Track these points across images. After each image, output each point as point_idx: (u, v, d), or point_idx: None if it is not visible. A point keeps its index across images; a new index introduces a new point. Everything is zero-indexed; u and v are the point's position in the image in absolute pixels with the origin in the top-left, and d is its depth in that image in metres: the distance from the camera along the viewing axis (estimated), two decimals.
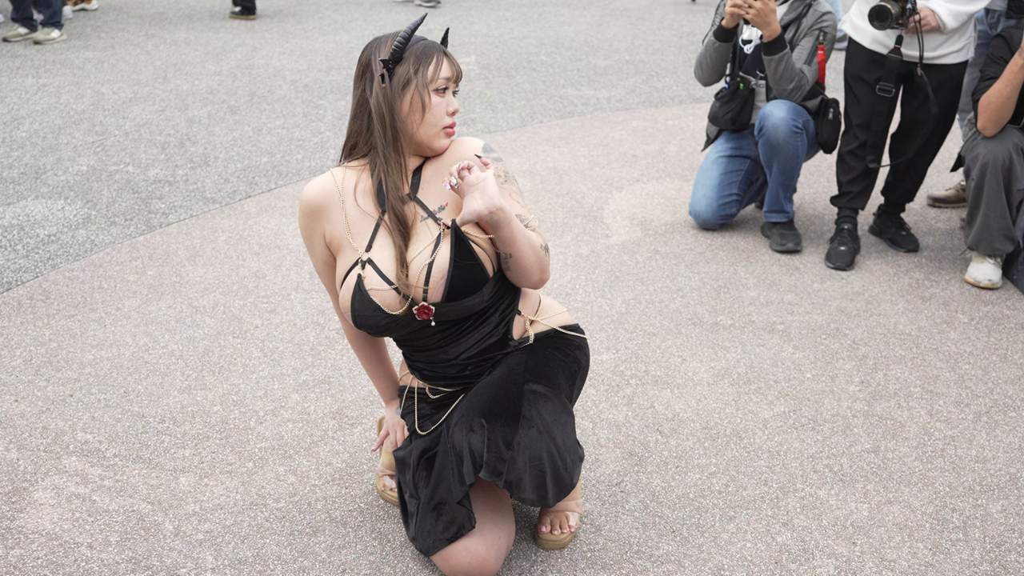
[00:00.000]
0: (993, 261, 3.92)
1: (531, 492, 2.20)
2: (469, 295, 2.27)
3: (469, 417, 2.26)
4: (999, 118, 3.69)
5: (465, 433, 2.23)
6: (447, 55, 2.30)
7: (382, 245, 2.28)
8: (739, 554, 2.48)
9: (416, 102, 2.25)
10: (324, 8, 9.41)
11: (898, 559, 2.47)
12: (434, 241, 2.25)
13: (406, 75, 2.25)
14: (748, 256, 4.19)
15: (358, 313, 2.28)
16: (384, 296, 2.25)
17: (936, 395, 3.19)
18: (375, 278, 2.26)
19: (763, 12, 3.91)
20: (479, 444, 2.20)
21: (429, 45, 2.29)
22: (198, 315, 3.59)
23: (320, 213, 2.34)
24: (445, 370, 2.41)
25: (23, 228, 4.29)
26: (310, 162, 5.19)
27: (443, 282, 2.24)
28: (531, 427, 2.23)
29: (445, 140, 2.32)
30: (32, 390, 3.11)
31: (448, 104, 2.29)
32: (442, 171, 2.33)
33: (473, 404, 2.29)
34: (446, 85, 2.28)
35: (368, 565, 2.42)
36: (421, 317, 2.27)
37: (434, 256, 2.24)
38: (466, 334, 2.35)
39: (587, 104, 6.42)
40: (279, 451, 2.84)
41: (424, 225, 2.28)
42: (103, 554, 2.43)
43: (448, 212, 2.30)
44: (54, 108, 6.02)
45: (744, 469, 2.81)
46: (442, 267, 2.23)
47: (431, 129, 2.28)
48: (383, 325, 2.29)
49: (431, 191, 2.32)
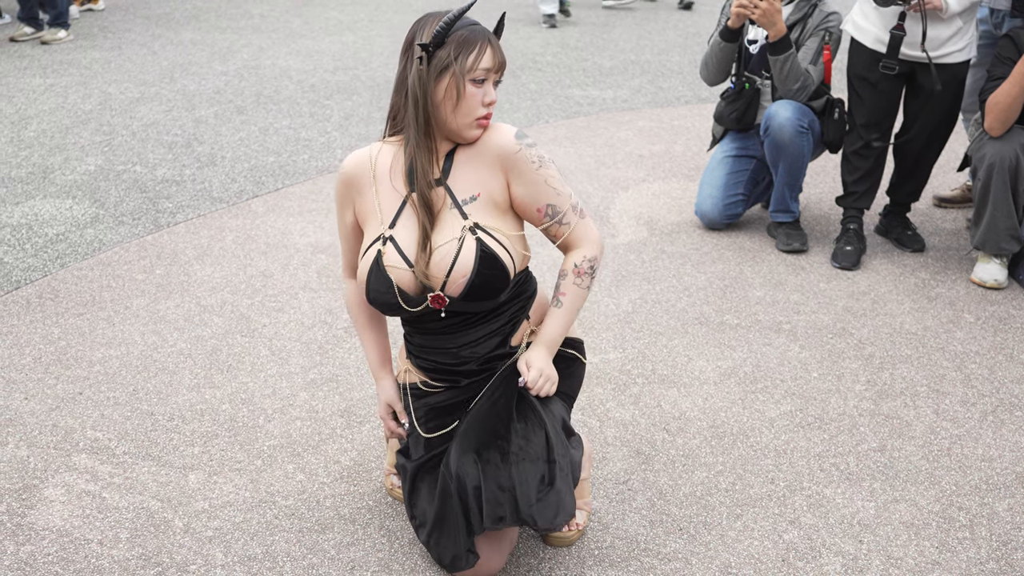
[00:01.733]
0: (999, 261, 3.92)
1: (547, 523, 2.21)
2: (489, 298, 2.28)
3: (464, 458, 2.25)
4: (1006, 118, 3.70)
5: (466, 479, 2.23)
6: (492, 44, 2.22)
7: (406, 224, 2.28)
8: (746, 552, 2.49)
9: (451, 89, 2.20)
10: (330, 9, 9.43)
11: (905, 557, 2.48)
12: (459, 238, 2.24)
13: (445, 60, 2.19)
14: (754, 256, 4.20)
15: (372, 288, 2.29)
16: (401, 275, 2.25)
17: (942, 394, 3.20)
18: (394, 255, 2.26)
19: (769, 12, 3.92)
20: (478, 492, 2.21)
21: (475, 32, 2.21)
22: (206, 314, 3.61)
23: (353, 185, 2.36)
24: (442, 359, 2.38)
25: (31, 227, 4.31)
26: (317, 162, 5.20)
27: (464, 281, 2.23)
28: (522, 460, 2.23)
29: (477, 131, 2.27)
30: (42, 388, 3.13)
31: (485, 95, 2.23)
32: (475, 158, 2.29)
33: (466, 444, 2.28)
34: (485, 76, 2.22)
35: (377, 562, 2.43)
36: (434, 306, 2.27)
37: (459, 252, 2.23)
38: (473, 326, 2.35)
39: (593, 104, 6.43)
40: (287, 449, 2.86)
41: (451, 214, 2.26)
42: (113, 551, 2.44)
43: (478, 204, 2.28)
44: (61, 108, 6.04)
45: (751, 467, 2.82)
46: (465, 267, 2.22)
47: (464, 119, 2.23)
48: (394, 304, 2.28)
49: (462, 178, 2.29)
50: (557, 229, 2.33)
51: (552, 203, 2.30)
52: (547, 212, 2.30)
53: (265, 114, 6.03)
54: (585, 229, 2.35)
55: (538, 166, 2.29)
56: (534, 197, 2.29)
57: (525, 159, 2.27)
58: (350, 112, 6.10)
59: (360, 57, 7.54)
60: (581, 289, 2.35)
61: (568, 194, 2.33)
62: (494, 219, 2.28)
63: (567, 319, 2.36)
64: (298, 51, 7.68)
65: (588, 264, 2.34)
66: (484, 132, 2.29)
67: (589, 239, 2.35)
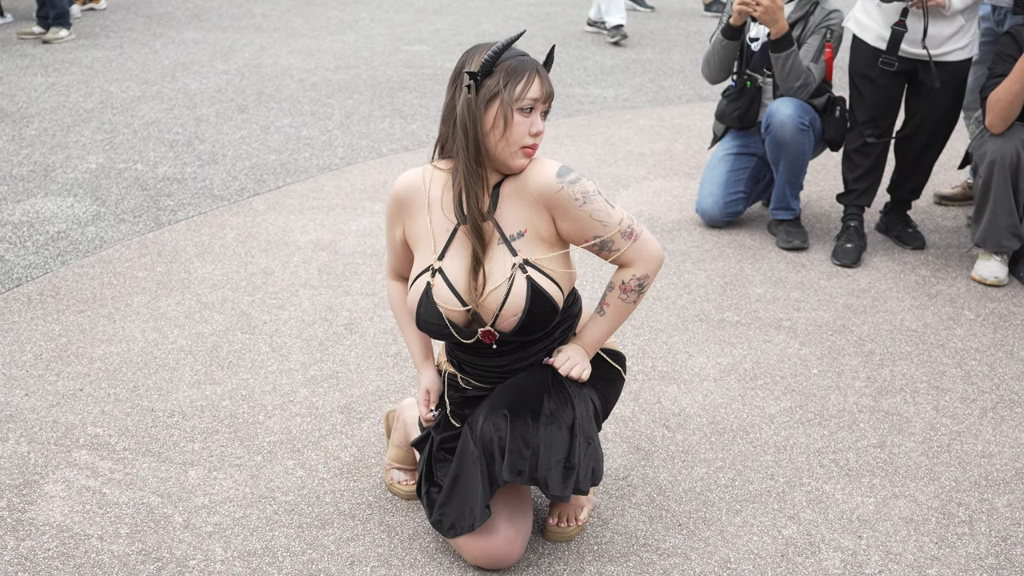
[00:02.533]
0: (1000, 258, 3.92)
1: (558, 489, 2.23)
2: (538, 331, 2.33)
3: (494, 414, 2.28)
4: (1007, 115, 3.70)
5: (492, 431, 2.26)
6: (540, 75, 2.23)
7: (455, 256, 2.30)
8: (745, 547, 2.49)
9: (499, 118, 2.20)
10: (331, 8, 9.44)
11: (904, 552, 2.48)
12: (509, 276, 2.26)
13: (494, 89, 2.20)
14: (755, 253, 4.20)
15: (423, 318, 2.34)
16: (450, 311, 2.30)
17: (942, 391, 3.20)
18: (444, 290, 2.30)
19: (771, 9, 3.92)
20: (503, 442, 2.24)
21: (523, 62, 2.23)
22: (207, 311, 3.61)
23: (405, 206, 2.38)
24: (485, 371, 2.43)
25: (33, 225, 4.32)
26: (317, 160, 5.21)
27: (516, 320, 2.28)
28: (551, 424, 2.26)
29: (523, 160, 2.26)
30: (42, 384, 3.13)
31: (533, 125, 2.23)
32: (519, 192, 2.29)
33: (497, 402, 2.31)
34: (532, 105, 2.22)
35: (376, 557, 2.43)
36: (485, 340, 2.32)
37: (510, 290, 2.25)
38: (521, 349, 2.39)
39: (594, 103, 6.44)
40: (287, 445, 2.86)
41: (500, 249, 2.29)
42: (113, 546, 2.44)
43: (526, 241, 2.29)
44: (63, 106, 6.05)
45: (750, 463, 2.82)
46: (517, 306, 2.26)
47: (510, 147, 2.23)
48: (446, 334, 2.33)
49: (508, 213, 2.30)
50: (607, 255, 2.33)
51: (599, 235, 2.30)
52: (595, 244, 2.31)
53: (266, 112, 6.03)
54: (636, 251, 2.32)
55: (582, 203, 2.28)
56: (580, 232, 2.30)
57: (568, 197, 2.26)
58: (351, 111, 6.10)
59: (361, 56, 7.55)
60: (627, 304, 2.37)
61: (617, 221, 2.30)
62: (542, 252, 2.30)
63: (607, 327, 2.39)
64: (299, 50, 7.69)
65: (636, 282, 2.34)
66: (529, 163, 2.29)
67: (642, 259, 2.33)
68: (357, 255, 4.09)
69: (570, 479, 2.26)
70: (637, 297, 2.37)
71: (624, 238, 2.31)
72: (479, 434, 2.29)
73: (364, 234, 4.29)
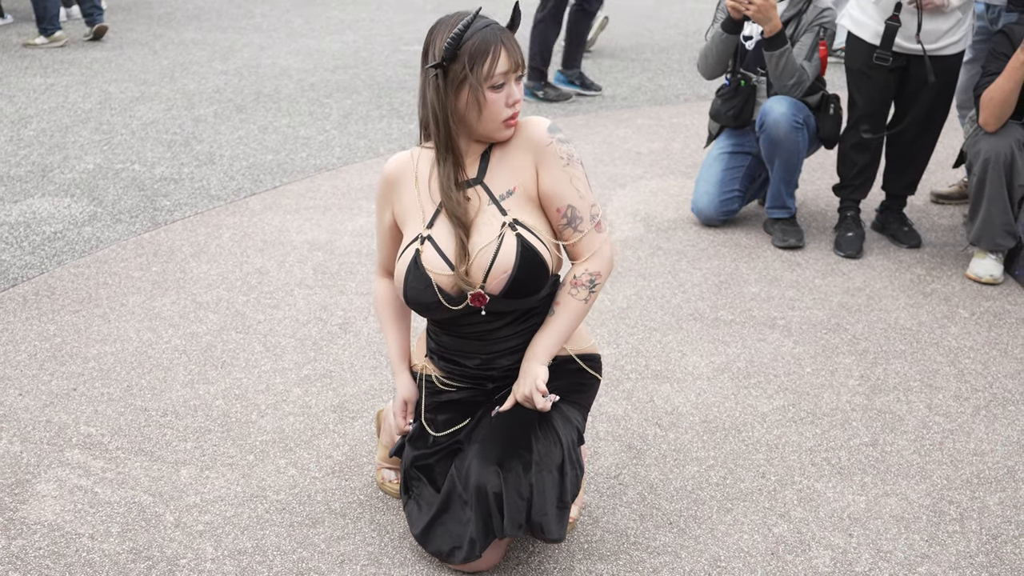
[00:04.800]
0: (995, 257, 3.92)
1: (555, 533, 2.23)
2: (529, 295, 2.29)
3: (485, 469, 2.23)
4: (1001, 114, 3.70)
5: (486, 486, 2.21)
6: (505, 45, 2.20)
7: (444, 223, 2.29)
8: (735, 545, 2.49)
9: (472, 100, 2.20)
10: (331, 8, 9.45)
11: (894, 550, 2.48)
12: (499, 235, 2.24)
13: (461, 73, 2.18)
14: (750, 252, 4.20)
15: (411, 287, 2.29)
16: (439, 276, 2.26)
17: (935, 389, 3.20)
18: (433, 254, 2.27)
19: (764, 8, 3.92)
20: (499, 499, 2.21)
21: (486, 36, 2.19)
22: (201, 311, 3.62)
23: (393, 185, 2.38)
24: (468, 362, 2.40)
25: (29, 225, 4.33)
26: (315, 160, 5.21)
27: (505, 277, 2.24)
28: (541, 469, 2.24)
29: (507, 131, 2.27)
30: (36, 384, 3.14)
31: (508, 96, 2.22)
32: (509, 151, 2.30)
33: (487, 454, 2.26)
34: (503, 80, 2.21)
35: (366, 555, 2.43)
36: (474, 304, 2.27)
37: (499, 249, 2.23)
38: (509, 326, 2.35)
39: (592, 102, 6.44)
40: (280, 444, 2.86)
41: (489, 211, 2.27)
42: (104, 545, 2.45)
43: (516, 198, 2.29)
44: (62, 107, 6.06)
45: (742, 462, 2.82)
46: (506, 263, 2.23)
47: (491, 124, 2.24)
48: (433, 302, 2.28)
49: (498, 174, 2.30)
50: (571, 234, 2.30)
51: (573, 204, 2.28)
52: (566, 213, 2.29)
53: (264, 113, 6.04)
54: (596, 242, 2.31)
55: (566, 163, 2.28)
56: (557, 194, 2.28)
57: (554, 153, 2.27)
58: (349, 111, 6.11)
59: (360, 56, 7.56)
60: (576, 300, 2.31)
61: (590, 202, 2.30)
62: (532, 217, 2.29)
63: (559, 330, 2.32)
64: (298, 50, 7.69)
65: (588, 277, 2.31)
66: (517, 129, 2.30)
67: (600, 254, 2.32)
68: (352, 255, 4.09)
69: (565, 518, 2.26)
70: (588, 295, 2.31)
71: (590, 222, 2.30)
72: (472, 487, 2.24)
73: (360, 234, 4.29)
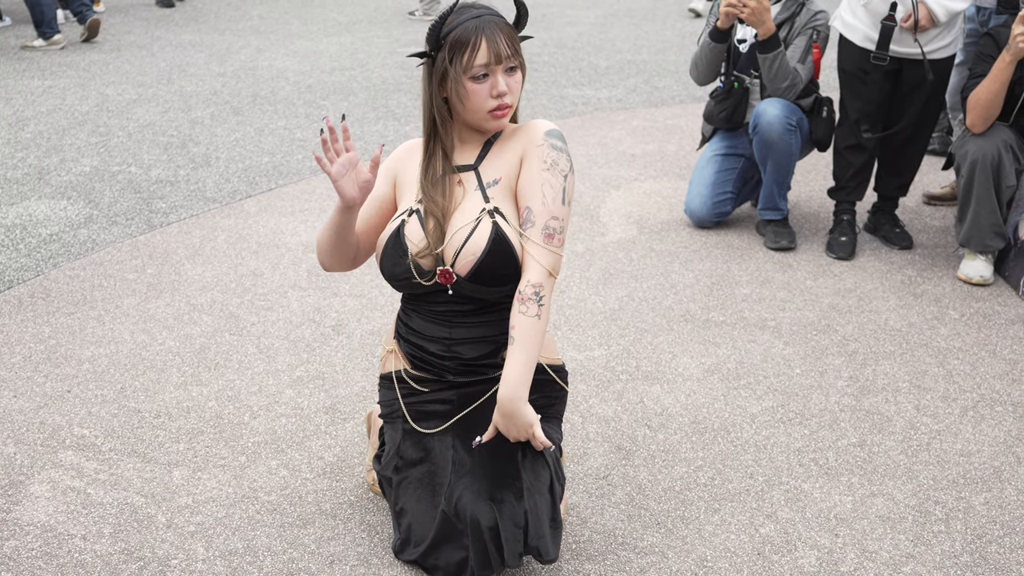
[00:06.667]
0: (985, 258, 3.94)
1: (552, 553, 2.25)
2: (495, 285, 2.30)
3: (478, 502, 2.22)
4: (988, 115, 3.72)
5: (481, 520, 2.20)
6: (487, 37, 2.19)
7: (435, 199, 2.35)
8: (722, 545, 2.51)
9: (454, 92, 2.24)
10: (329, 10, 9.47)
11: (879, 551, 2.50)
12: (476, 219, 2.28)
13: (442, 64, 2.23)
14: (742, 254, 4.22)
15: (388, 253, 2.33)
16: (415, 247, 2.30)
17: (924, 390, 3.22)
18: (415, 226, 2.32)
19: (758, 11, 3.94)
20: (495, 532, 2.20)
21: (468, 28, 2.20)
22: (196, 312, 3.64)
23: (402, 160, 2.45)
24: (433, 347, 2.40)
25: (25, 228, 4.35)
26: (310, 162, 5.24)
27: (474, 260, 2.26)
28: (533, 494, 2.26)
29: (495, 122, 2.29)
30: (31, 386, 3.16)
31: (493, 88, 2.23)
32: (506, 145, 2.34)
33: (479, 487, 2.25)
34: (484, 71, 2.21)
35: (356, 556, 2.46)
36: (441, 280, 2.30)
37: (473, 232, 2.26)
38: (474, 314, 2.36)
39: (587, 104, 6.46)
40: (272, 445, 2.89)
41: (475, 196, 2.32)
42: (96, 545, 2.47)
43: (500, 188, 2.32)
44: (59, 109, 6.08)
45: (730, 463, 2.84)
46: (476, 247, 2.26)
47: (476, 114, 2.27)
48: (406, 272, 2.31)
49: (491, 163, 2.34)
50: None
51: (531, 208, 2.28)
52: (524, 214, 2.30)
53: (261, 115, 6.06)
54: (538, 252, 2.26)
55: (547, 167, 2.29)
56: (524, 194, 2.30)
57: (540, 154, 2.29)
58: (346, 113, 6.13)
59: (358, 58, 7.58)
60: (528, 318, 2.23)
61: (552, 214, 2.26)
62: (513, 209, 2.31)
63: (523, 357, 2.24)
64: (296, 52, 7.72)
65: (532, 290, 2.25)
66: (523, 127, 2.34)
67: (541, 262, 2.26)
68: None
69: (558, 536, 2.29)
70: (537, 309, 2.24)
71: (541, 231, 2.27)
72: (468, 519, 2.22)
73: None
